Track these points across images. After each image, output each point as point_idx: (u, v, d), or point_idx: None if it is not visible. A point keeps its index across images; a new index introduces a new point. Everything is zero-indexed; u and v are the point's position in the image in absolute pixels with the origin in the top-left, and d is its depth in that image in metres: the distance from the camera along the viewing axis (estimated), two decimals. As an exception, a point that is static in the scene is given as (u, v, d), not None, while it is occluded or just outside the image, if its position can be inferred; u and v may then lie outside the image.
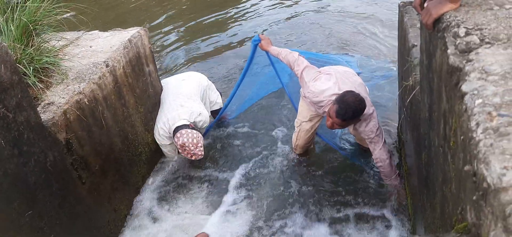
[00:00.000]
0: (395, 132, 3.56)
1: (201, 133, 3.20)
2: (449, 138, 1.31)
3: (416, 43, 2.37)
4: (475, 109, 1.04)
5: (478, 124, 1.00)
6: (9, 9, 2.49)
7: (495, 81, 1.09)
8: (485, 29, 1.29)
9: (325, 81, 2.82)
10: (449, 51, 1.26)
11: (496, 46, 1.21)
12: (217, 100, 3.73)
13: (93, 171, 2.66)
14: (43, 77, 2.51)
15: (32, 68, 2.41)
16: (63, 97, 2.43)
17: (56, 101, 2.40)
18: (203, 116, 3.29)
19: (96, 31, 3.20)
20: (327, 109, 2.72)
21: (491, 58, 1.16)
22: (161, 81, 3.54)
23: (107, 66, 2.75)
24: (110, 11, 6.91)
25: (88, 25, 3.30)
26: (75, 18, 3.01)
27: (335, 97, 2.68)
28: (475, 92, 1.08)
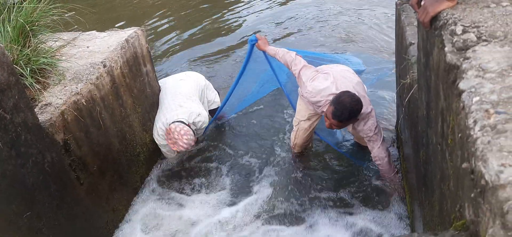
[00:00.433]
0: (393, 130, 3.57)
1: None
2: (447, 136, 1.31)
3: (413, 41, 2.37)
4: (473, 107, 1.04)
5: (475, 122, 1.00)
6: (6, 10, 2.49)
7: (492, 79, 1.09)
8: (482, 26, 1.29)
9: (323, 81, 2.82)
10: (446, 49, 1.26)
11: (493, 43, 1.21)
12: (215, 99, 3.72)
13: (91, 172, 2.65)
14: (40, 78, 2.50)
15: (29, 69, 2.41)
16: (61, 98, 2.42)
17: (53, 102, 2.39)
18: (202, 116, 3.28)
19: (93, 32, 3.19)
20: (325, 109, 2.72)
21: (488, 55, 1.17)
22: (159, 81, 3.53)
23: (105, 66, 2.75)
24: (107, 11, 6.90)
25: (85, 26, 3.29)
26: (72, 18, 3.00)
27: (332, 96, 2.68)
28: (472, 89, 1.08)
